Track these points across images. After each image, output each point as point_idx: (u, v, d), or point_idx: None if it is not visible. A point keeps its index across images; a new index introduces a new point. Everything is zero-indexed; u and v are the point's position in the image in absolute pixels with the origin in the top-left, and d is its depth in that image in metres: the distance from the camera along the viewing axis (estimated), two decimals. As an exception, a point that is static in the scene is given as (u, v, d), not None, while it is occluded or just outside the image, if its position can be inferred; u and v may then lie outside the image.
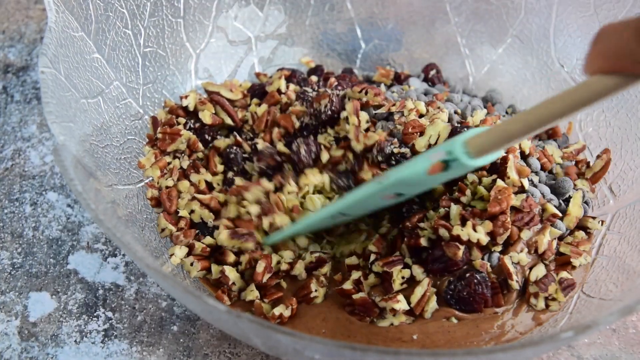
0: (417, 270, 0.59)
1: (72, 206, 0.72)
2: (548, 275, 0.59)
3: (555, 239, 0.61)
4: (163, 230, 0.64)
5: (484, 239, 0.57)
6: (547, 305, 0.59)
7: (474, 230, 0.58)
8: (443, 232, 0.58)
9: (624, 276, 0.58)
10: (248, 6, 0.79)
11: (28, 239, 0.69)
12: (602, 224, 0.64)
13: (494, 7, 0.78)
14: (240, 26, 0.80)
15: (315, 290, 0.60)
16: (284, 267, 0.62)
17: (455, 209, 0.59)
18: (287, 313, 0.59)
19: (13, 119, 0.80)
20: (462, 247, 0.57)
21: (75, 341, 0.62)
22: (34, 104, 0.81)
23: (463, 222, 0.59)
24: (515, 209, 0.59)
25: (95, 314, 0.64)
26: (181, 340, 0.62)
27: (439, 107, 0.66)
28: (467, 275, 0.58)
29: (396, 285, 0.59)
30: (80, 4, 0.62)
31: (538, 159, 0.65)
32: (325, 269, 0.63)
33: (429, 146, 0.63)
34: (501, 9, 0.78)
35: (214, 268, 0.62)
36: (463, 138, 0.50)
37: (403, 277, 0.59)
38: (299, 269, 0.62)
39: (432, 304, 0.58)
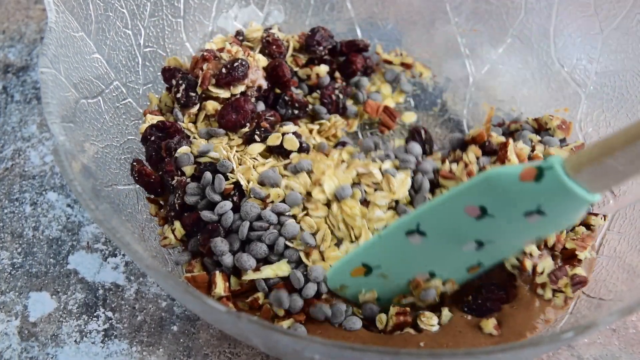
0: (447, 313, 0.57)
1: (72, 206, 0.72)
2: (561, 269, 0.58)
3: (563, 231, 0.60)
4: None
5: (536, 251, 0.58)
6: (553, 295, 0.58)
7: None
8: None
9: (624, 276, 0.58)
10: (248, 6, 0.79)
11: (28, 239, 0.69)
12: (604, 219, 0.63)
13: (494, 7, 0.78)
14: (240, 26, 0.80)
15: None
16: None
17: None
18: None
19: (13, 119, 0.80)
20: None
21: (75, 341, 0.62)
22: (34, 104, 0.81)
23: None
24: None
25: (95, 314, 0.64)
26: (181, 340, 0.62)
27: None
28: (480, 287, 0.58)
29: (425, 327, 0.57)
30: (80, 4, 0.62)
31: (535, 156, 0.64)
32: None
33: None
34: (501, 9, 0.78)
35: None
36: (561, 157, 0.45)
37: (432, 325, 0.57)
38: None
39: (445, 319, 0.57)
